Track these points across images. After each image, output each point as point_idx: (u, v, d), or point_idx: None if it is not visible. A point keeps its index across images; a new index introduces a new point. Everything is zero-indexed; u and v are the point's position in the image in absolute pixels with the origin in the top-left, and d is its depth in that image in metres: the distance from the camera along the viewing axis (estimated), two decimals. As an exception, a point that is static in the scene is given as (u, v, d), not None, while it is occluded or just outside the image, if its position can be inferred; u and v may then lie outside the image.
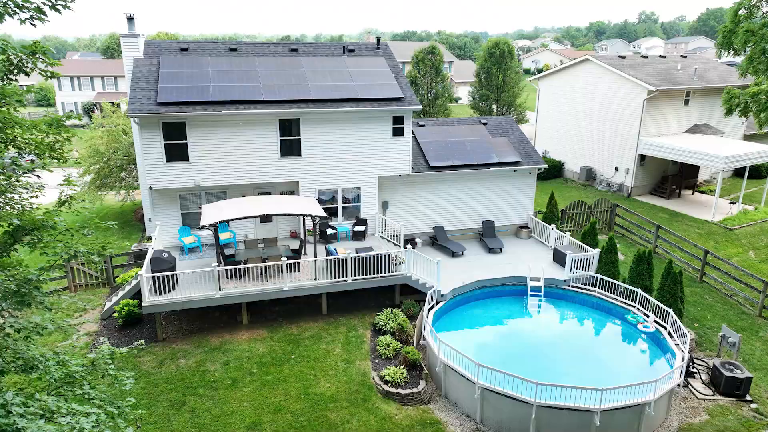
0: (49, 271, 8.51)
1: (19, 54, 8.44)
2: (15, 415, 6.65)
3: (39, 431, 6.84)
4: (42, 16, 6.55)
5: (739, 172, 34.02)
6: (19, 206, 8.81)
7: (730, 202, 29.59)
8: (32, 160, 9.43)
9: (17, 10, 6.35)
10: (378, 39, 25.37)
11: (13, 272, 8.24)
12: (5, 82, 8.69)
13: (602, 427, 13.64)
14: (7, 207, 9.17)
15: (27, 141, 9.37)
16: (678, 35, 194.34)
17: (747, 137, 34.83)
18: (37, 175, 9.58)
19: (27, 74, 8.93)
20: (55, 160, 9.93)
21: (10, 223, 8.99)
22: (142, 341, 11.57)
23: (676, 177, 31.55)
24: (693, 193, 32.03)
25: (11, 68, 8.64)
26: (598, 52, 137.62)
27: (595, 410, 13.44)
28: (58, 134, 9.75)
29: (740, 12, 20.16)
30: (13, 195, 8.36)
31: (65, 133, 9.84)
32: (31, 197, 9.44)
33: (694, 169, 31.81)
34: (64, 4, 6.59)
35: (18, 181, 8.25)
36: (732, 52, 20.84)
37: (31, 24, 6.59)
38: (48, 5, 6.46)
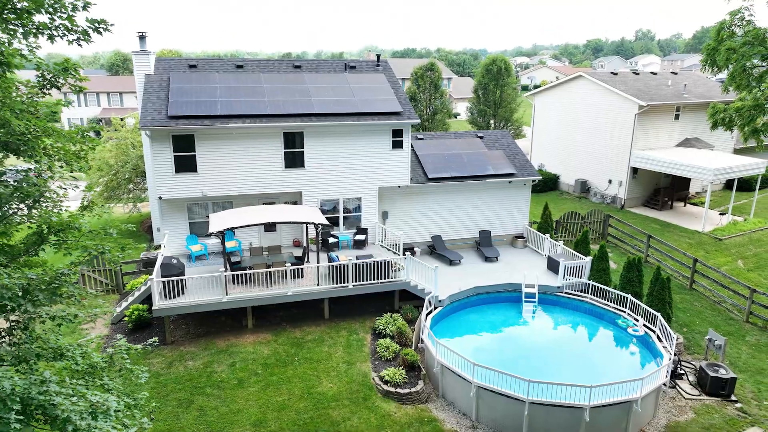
0: (79, 266, 9.29)
1: (53, 71, 9.34)
2: (52, 392, 7.41)
3: (73, 406, 7.61)
4: (87, 37, 7.43)
5: (730, 185, 34.88)
6: (49, 209, 9.60)
7: (720, 213, 30.43)
8: (49, 168, 10.19)
9: (66, 33, 7.24)
10: (378, 56, 26.44)
11: (46, 267, 9.02)
12: (40, 97, 9.57)
13: (592, 424, 14.30)
14: (35, 211, 9.98)
15: (56, 149, 10.22)
16: (674, 52, 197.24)
17: (737, 151, 35.78)
18: (62, 184, 10.42)
19: (59, 89, 9.82)
20: (79, 169, 10.78)
21: (39, 225, 9.80)
22: (156, 338, 12.33)
23: (668, 189, 32.43)
24: (685, 205, 32.88)
25: (45, 84, 9.54)
26: (595, 69, 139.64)
27: (585, 407, 14.11)
28: (83, 143, 10.61)
29: (722, 31, 21.17)
30: (43, 201, 9.14)
31: (90, 142, 10.71)
32: (57, 202, 10.26)
33: (685, 182, 32.71)
34: (105, 27, 7.48)
35: (47, 189, 9.03)
36: (716, 69, 21.81)
37: (78, 44, 7.47)
38: (92, 29, 7.34)
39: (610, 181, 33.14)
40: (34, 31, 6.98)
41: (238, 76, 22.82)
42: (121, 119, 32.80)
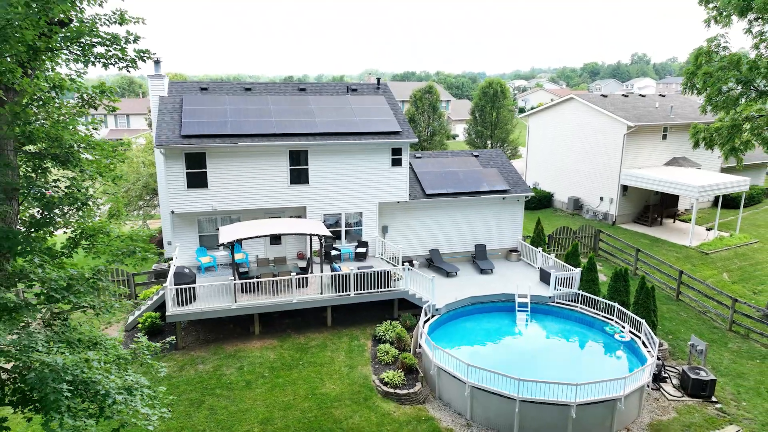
0: (113, 264, 10.44)
1: (91, 93, 10.64)
2: (95, 370, 8.51)
3: (111, 383, 8.71)
4: (135, 65, 8.72)
5: (719, 202, 36.10)
6: (86, 215, 10.78)
7: (707, 229, 31.62)
8: (91, 177, 11.38)
9: (117, 61, 8.51)
10: (378, 79, 27.95)
11: (76, 266, 10.18)
12: (79, 116, 10.84)
13: (579, 421, 15.25)
14: (73, 217, 11.17)
15: (91, 162, 11.47)
16: (669, 75, 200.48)
17: (724, 170, 37.11)
18: (93, 193, 11.63)
19: (95, 108, 11.11)
20: (112, 180, 12.01)
21: (75, 230, 10.98)
22: (174, 337, 13.41)
23: (657, 206, 33.68)
24: (674, 222, 34.09)
25: (83, 104, 10.83)
26: (592, 91, 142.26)
27: (572, 404, 15.09)
28: (113, 157, 11.86)
29: (700, 57, 22.67)
30: (85, 208, 10.30)
31: (119, 156, 11.96)
32: (93, 210, 11.46)
33: (674, 199, 33.97)
34: (148, 56, 8.77)
35: (91, 196, 10.21)
36: (695, 92, 23.25)
37: (127, 71, 8.74)
38: (138, 57, 8.63)
39: (601, 199, 34.41)
40: (93, 60, 8.28)
41: (247, 97, 24.25)
42: (135, 138, 34.22)
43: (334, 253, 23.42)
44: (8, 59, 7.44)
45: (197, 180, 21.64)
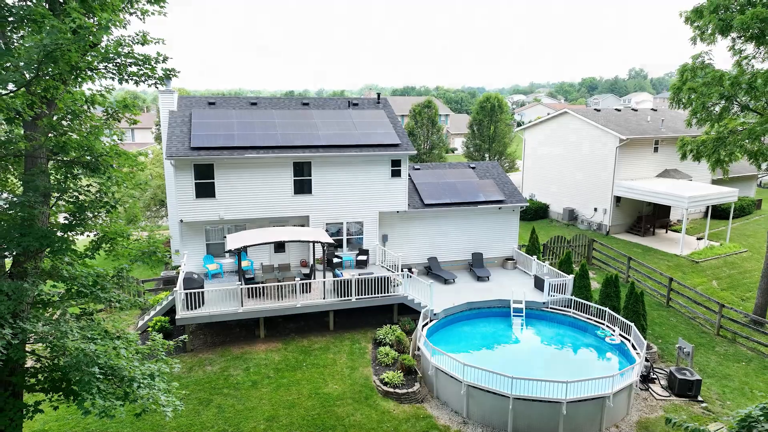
0: (136, 262, 11.37)
1: (115, 107, 11.65)
2: (122, 357, 9.40)
3: (136, 370, 9.60)
4: (163, 82, 9.71)
5: (712, 213, 37.02)
6: (111, 218, 11.73)
7: (698, 239, 32.54)
8: (117, 183, 12.34)
9: (147, 79, 9.50)
10: (378, 94, 29.07)
11: (103, 265, 11.11)
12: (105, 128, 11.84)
13: (569, 417, 16.04)
14: (99, 220, 12.12)
15: (115, 171, 12.45)
16: (665, 90, 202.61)
17: (715, 181, 38.13)
18: (115, 202, 12.59)
19: (119, 121, 12.11)
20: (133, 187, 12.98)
21: (98, 233, 11.91)
22: (186, 336, 14.27)
23: (650, 217, 34.64)
24: (666, 232, 35.01)
25: (107, 118, 11.83)
26: (589, 106, 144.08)
27: (562, 401, 15.89)
28: (134, 166, 12.84)
29: (685, 73, 23.77)
30: (110, 212, 11.25)
31: (139, 165, 12.94)
32: (117, 214, 12.41)
33: (666, 210, 34.93)
34: (174, 74, 9.76)
35: (119, 201, 11.16)
36: (681, 106, 24.32)
37: (156, 87, 9.72)
38: (165, 75, 9.61)
39: (595, 209, 35.38)
40: (126, 78, 9.29)
41: (253, 112, 25.33)
42: (143, 150, 35.29)
43: (336, 260, 24.31)
44: (52, 78, 8.43)
45: (205, 190, 22.61)
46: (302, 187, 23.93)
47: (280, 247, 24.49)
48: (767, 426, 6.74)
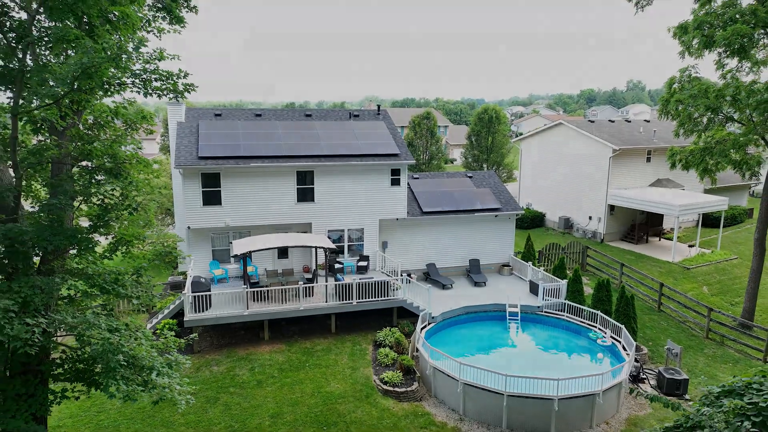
0: (154, 261, 12.23)
1: (133, 119, 12.58)
2: (142, 347, 10.22)
3: (155, 360, 10.41)
4: (183, 96, 10.63)
5: (705, 222, 37.92)
6: (133, 219, 12.58)
7: (689, 246, 33.40)
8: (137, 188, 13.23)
9: (169, 93, 10.41)
10: (378, 106, 30.08)
11: (126, 262, 11.96)
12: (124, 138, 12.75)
13: (561, 414, 16.78)
14: (119, 223, 12.99)
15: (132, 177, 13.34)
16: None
17: (707, 190, 39.05)
18: (137, 205, 13.47)
19: (137, 131, 13.03)
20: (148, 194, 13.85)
21: (116, 236, 12.77)
22: (196, 334, 15.07)
23: (643, 225, 35.52)
24: (659, 240, 35.87)
25: (126, 128, 12.75)
26: (588, 117, 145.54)
27: (554, 398, 16.64)
28: (150, 174, 13.74)
29: (674, 86, 24.79)
30: (132, 214, 12.11)
31: (154, 173, 13.83)
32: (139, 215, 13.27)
33: (659, 218, 35.82)
34: (193, 89, 10.68)
35: (140, 204, 12.03)
36: (670, 117, 25.32)
37: (176, 100, 10.62)
38: (185, 90, 10.52)
39: (590, 218, 36.27)
40: (151, 92, 10.20)
41: (257, 123, 26.31)
42: (156, 158, 36.20)
43: (337, 266, 25.13)
44: (83, 91, 9.36)
45: (212, 198, 23.50)
46: (305, 195, 24.82)
47: (283, 253, 25.34)
48: (725, 401, 7.54)
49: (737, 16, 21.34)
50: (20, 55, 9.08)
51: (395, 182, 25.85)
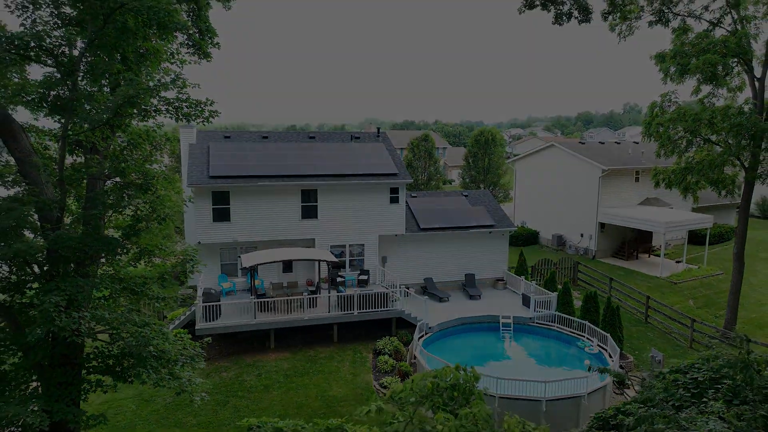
0: (177, 267, 13.60)
1: (159, 141, 14.10)
2: (170, 342, 11.55)
3: (179, 353, 11.73)
4: (209, 121, 12.15)
5: (694, 239, 39.22)
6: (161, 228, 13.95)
7: (677, 262, 34.75)
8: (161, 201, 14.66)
9: (195, 118, 11.91)
10: (378, 128, 31.77)
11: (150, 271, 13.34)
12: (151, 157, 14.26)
13: (549, 414, 17.94)
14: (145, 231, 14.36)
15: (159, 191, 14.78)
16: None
17: (695, 209, 40.51)
18: (165, 215, 14.85)
19: (161, 151, 14.54)
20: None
21: (140, 246, 14.16)
22: (210, 338, 16.35)
23: (633, 242, 36.91)
24: (649, 256, 37.23)
25: (152, 149, 14.26)
26: (584, 139, 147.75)
27: (542, 399, 17.83)
28: (174, 191, 15.18)
29: (655, 109, 26.45)
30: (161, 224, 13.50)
31: (178, 190, 15.30)
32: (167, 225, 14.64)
33: (648, 235, 37.22)
34: (216, 115, 12.19)
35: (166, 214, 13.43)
36: (652, 139, 26.91)
37: (204, 124, 12.15)
38: (210, 115, 12.02)
39: (582, 235, 37.68)
40: (181, 117, 11.72)
41: (264, 144, 27.92)
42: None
43: (339, 280, 26.45)
44: (122, 116, 10.90)
45: (222, 215, 24.97)
46: (309, 212, 26.29)
47: (288, 267, 26.69)
48: (668, 377, 8.92)
49: (710, 46, 23.08)
50: (70, 86, 10.62)
51: (394, 200, 27.34)
